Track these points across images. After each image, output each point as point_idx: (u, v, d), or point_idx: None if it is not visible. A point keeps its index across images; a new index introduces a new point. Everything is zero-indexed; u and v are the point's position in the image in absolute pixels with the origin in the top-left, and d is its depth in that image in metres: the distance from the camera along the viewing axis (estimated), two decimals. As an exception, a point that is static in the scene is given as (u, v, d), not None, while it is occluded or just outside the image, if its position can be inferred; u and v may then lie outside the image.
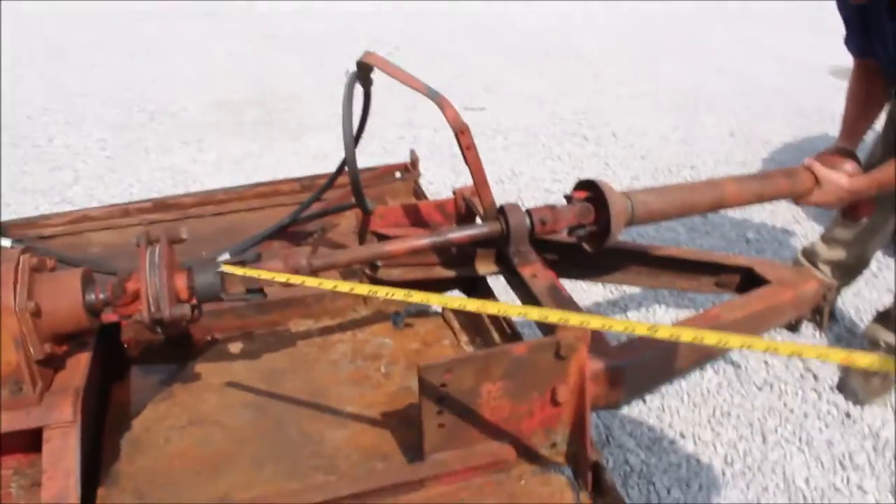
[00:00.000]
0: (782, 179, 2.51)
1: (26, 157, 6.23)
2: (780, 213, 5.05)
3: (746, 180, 2.41)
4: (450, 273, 2.28)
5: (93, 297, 1.78)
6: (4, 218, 3.20)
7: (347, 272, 2.43)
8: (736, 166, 5.76)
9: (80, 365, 1.86)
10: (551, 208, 2.07)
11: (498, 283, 2.44)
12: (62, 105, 7.41)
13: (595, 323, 1.51)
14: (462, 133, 1.99)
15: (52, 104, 7.43)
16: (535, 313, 1.61)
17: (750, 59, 8.52)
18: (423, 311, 2.45)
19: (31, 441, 1.78)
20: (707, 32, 9.70)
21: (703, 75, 7.88)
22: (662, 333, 1.45)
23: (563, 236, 2.21)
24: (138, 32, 10.03)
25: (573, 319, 1.53)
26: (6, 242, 2.27)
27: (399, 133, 6.43)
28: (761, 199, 2.46)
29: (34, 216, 3.03)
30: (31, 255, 1.78)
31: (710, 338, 1.39)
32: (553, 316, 1.57)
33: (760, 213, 5.00)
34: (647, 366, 1.92)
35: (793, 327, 2.36)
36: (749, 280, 2.31)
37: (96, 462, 1.87)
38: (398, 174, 3.13)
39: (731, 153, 6.02)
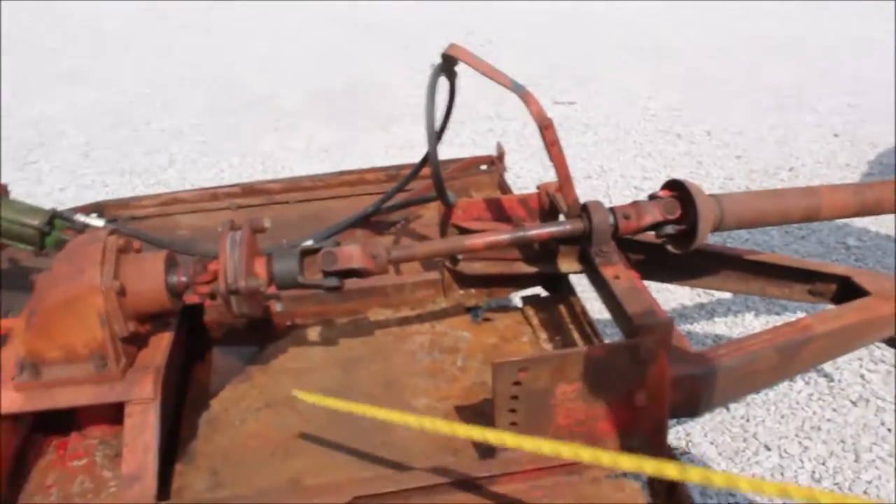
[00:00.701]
0: (889, 192, 2.34)
1: (125, 139, 6.46)
2: (885, 219, 4.81)
3: (847, 190, 2.26)
4: (531, 269, 2.24)
5: (175, 279, 1.83)
6: (102, 198, 3.32)
7: (428, 264, 2.43)
8: (838, 169, 5.52)
9: (162, 344, 1.90)
10: (635, 204, 2.01)
11: (581, 282, 2.40)
12: (160, 90, 7.66)
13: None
14: (546, 128, 1.95)
15: (152, 89, 7.69)
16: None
17: (859, 56, 8.15)
18: (502, 306, 2.43)
19: (115, 414, 1.84)
20: (812, 28, 9.33)
21: (807, 73, 7.58)
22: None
23: (648, 236, 2.14)
24: (235, 21, 10.28)
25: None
26: (98, 222, 2.35)
27: (488, 125, 6.40)
28: (862, 213, 2.30)
29: (128, 197, 3.13)
30: (118, 236, 1.83)
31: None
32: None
33: (863, 219, 4.77)
34: (729, 375, 1.84)
35: (894, 342, 2.24)
36: (846, 290, 2.20)
37: (175, 438, 1.91)
38: (484, 167, 3.11)
39: (834, 155, 5.77)
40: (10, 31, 10.14)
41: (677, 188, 2.05)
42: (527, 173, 5.47)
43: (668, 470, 1.29)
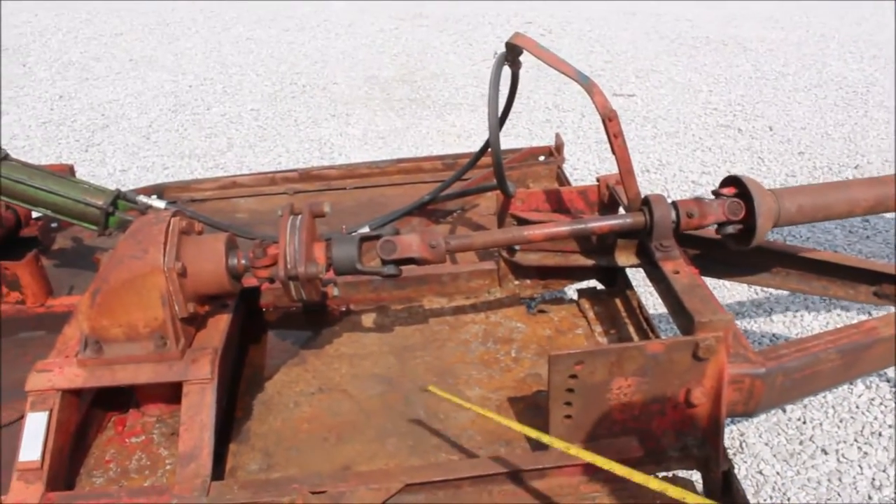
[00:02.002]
0: None
1: (186, 123, 6.56)
2: (953, 221, 4.66)
3: None
4: (588, 262, 2.22)
5: (235, 261, 1.85)
6: (162, 180, 3.38)
7: (483, 253, 2.42)
8: (907, 168, 5.35)
9: (220, 326, 1.93)
10: (698, 201, 1.98)
11: (637, 275, 2.36)
12: (221, 75, 7.76)
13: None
14: (610, 120, 1.92)
15: (212, 74, 7.80)
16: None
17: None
18: (557, 298, 2.41)
19: (173, 393, 1.88)
20: (882, 22, 9.05)
21: (876, 68, 7.35)
22: None
23: (706, 231, 2.10)
24: (294, 8, 10.35)
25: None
26: (160, 204, 2.38)
27: (545, 116, 6.35)
28: None
29: (188, 180, 3.18)
30: (181, 217, 1.86)
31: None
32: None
33: (930, 220, 4.63)
34: (790, 375, 1.80)
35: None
36: (914, 292, 2.14)
37: (229, 418, 1.94)
38: (542, 157, 3.09)
39: (904, 154, 5.60)
40: (79, 15, 10.38)
41: (735, 184, 2.01)
42: (583, 165, 5.41)
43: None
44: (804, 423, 3.09)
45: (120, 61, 8.38)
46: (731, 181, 2.02)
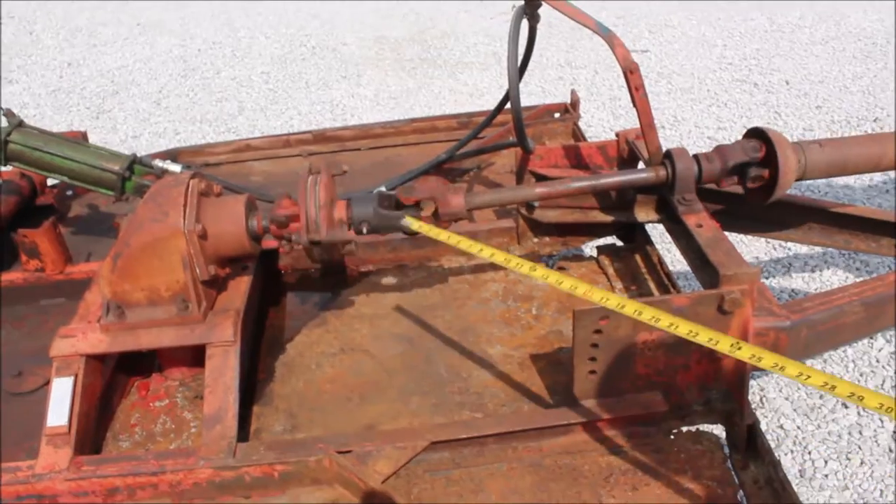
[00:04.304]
0: None
1: (195, 87, 6.53)
2: (974, 174, 4.59)
3: None
4: (607, 218, 2.20)
5: (255, 222, 1.84)
6: (174, 145, 3.36)
7: (502, 211, 2.40)
8: (928, 121, 5.27)
9: (241, 288, 1.93)
10: (717, 147, 1.95)
11: (654, 232, 2.34)
12: (229, 39, 7.71)
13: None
14: (632, 73, 1.89)
15: (220, 38, 7.74)
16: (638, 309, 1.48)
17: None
18: (577, 255, 2.40)
19: (195, 356, 1.88)
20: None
21: (896, 19, 7.22)
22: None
23: (728, 186, 2.07)
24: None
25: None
26: (177, 168, 2.37)
27: (558, 73, 6.28)
28: None
29: (201, 144, 3.17)
30: (200, 179, 1.85)
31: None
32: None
33: (951, 173, 4.57)
34: (814, 328, 1.78)
35: None
36: (939, 244, 2.11)
37: (252, 381, 1.95)
38: (557, 115, 3.05)
39: (924, 106, 5.51)
40: (83, -19, 10.32)
41: (758, 136, 1.97)
42: (598, 122, 5.36)
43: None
44: (825, 377, 3.07)
45: (127, 26, 8.33)
46: (753, 133, 1.99)
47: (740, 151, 1.93)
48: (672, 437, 1.70)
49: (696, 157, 1.96)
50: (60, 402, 1.69)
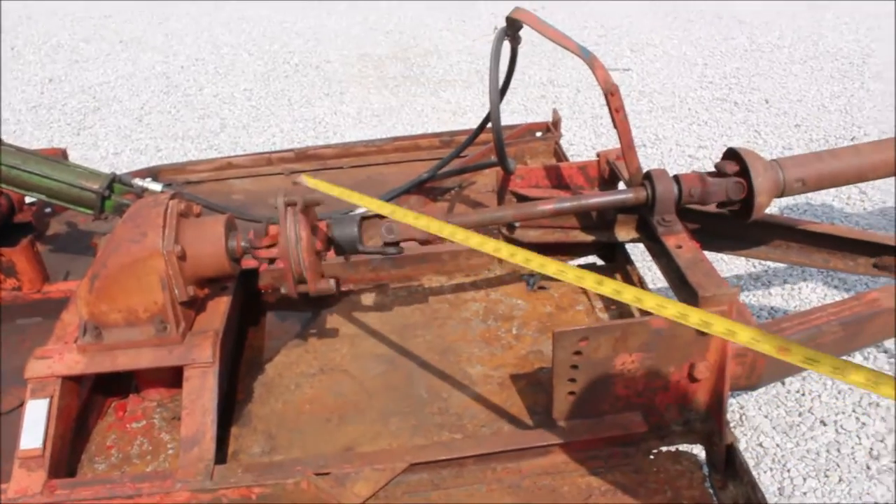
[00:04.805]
0: None
1: (178, 104, 6.52)
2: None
3: None
4: (588, 238, 2.21)
5: (234, 243, 1.83)
6: (155, 162, 3.35)
7: (484, 230, 2.40)
8: (903, 139, 5.31)
9: (220, 308, 1.92)
10: (702, 180, 1.96)
11: (636, 250, 2.35)
12: (212, 56, 7.71)
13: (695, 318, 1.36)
14: (612, 94, 1.90)
15: (204, 55, 7.75)
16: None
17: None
18: (558, 275, 2.40)
19: (173, 377, 1.87)
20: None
21: (872, 39, 7.31)
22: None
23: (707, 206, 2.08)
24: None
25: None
26: (157, 187, 2.36)
27: (540, 91, 6.32)
28: None
29: (183, 162, 3.16)
30: (179, 200, 1.84)
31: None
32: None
33: (927, 191, 4.62)
34: (793, 348, 1.79)
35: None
36: (914, 264, 2.13)
37: (230, 401, 1.93)
38: (539, 133, 3.07)
39: (900, 124, 5.59)
40: (66, -4, 10.30)
41: (736, 158, 1.98)
42: (580, 140, 5.39)
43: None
44: (803, 395, 3.10)
45: (110, 43, 8.32)
46: (733, 154, 2.00)
47: (723, 193, 1.94)
48: (652, 457, 1.70)
49: (676, 178, 1.97)
50: (35, 424, 1.67)
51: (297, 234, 1.79)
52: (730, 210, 1.99)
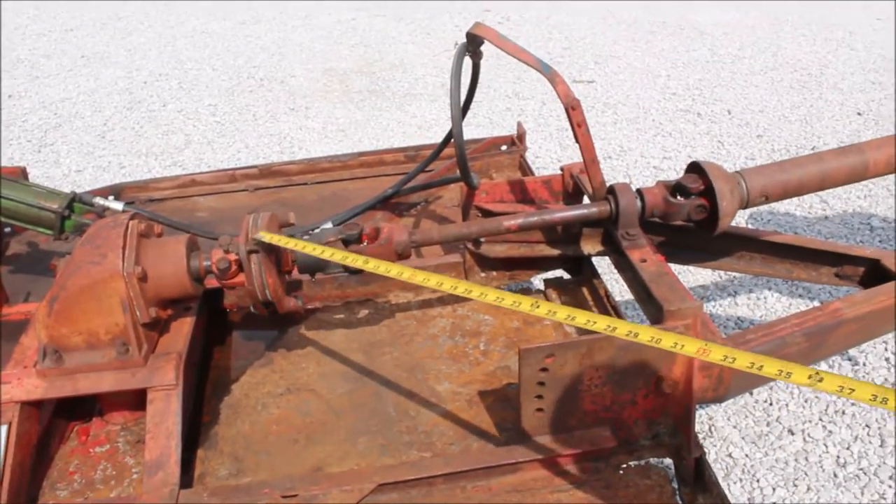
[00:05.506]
0: None
1: (141, 120, 6.45)
2: (909, 200, 4.73)
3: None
4: (554, 252, 2.21)
5: (196, 263, 1.81)
6: (119, 179, 3.31)
7: (449, 246, 2.40)
8: (861, 148, 5.40)
9: (183, 329, 1.89)
10: (665, 201, 1.97)
11: (603, 262, 2.36)
12: (176, 71, 7.64)
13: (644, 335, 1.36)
14: (573, 109, 1.91)
15: (167, 70, 7.67)
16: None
17: (884, 32, 8.00)
18: (524, 289, 2.41)
19: (137, 399, 1.83)
20: (835, 5, 9.17)
21: (829, 50, 7.46)
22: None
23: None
24: (248, 1, 10.22)
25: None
26: (118, 206, 2.33)
27: (506, 104, 6.35)
28: None
29: (146, 179, 3.12)
30: (139, 220, 1.82)
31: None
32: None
33: (888, 199, 4.70)
34: (758, 359, 1.80)
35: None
36: (875, 273, 2.16)
37: (196, 423, 1.90)
38: (504, 147, 3.07)
39: (858, 134, 5.67)
40: (25, 10, 10.14)
41: (699, 172, 2.00)
42: (545, 153, 5.41)
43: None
44: (771, 404, 3.12)
45: (71, 58, 8.21)
46: (697, 167, 2.01)
47: (686, 214, 1.97)
48: (621, 472, 1.70)
49: (639, 191, 1.98)
50: (-7, 451, 1.63)
51: (264, 281, 1.78)
52: (694, 222, 2.01)
